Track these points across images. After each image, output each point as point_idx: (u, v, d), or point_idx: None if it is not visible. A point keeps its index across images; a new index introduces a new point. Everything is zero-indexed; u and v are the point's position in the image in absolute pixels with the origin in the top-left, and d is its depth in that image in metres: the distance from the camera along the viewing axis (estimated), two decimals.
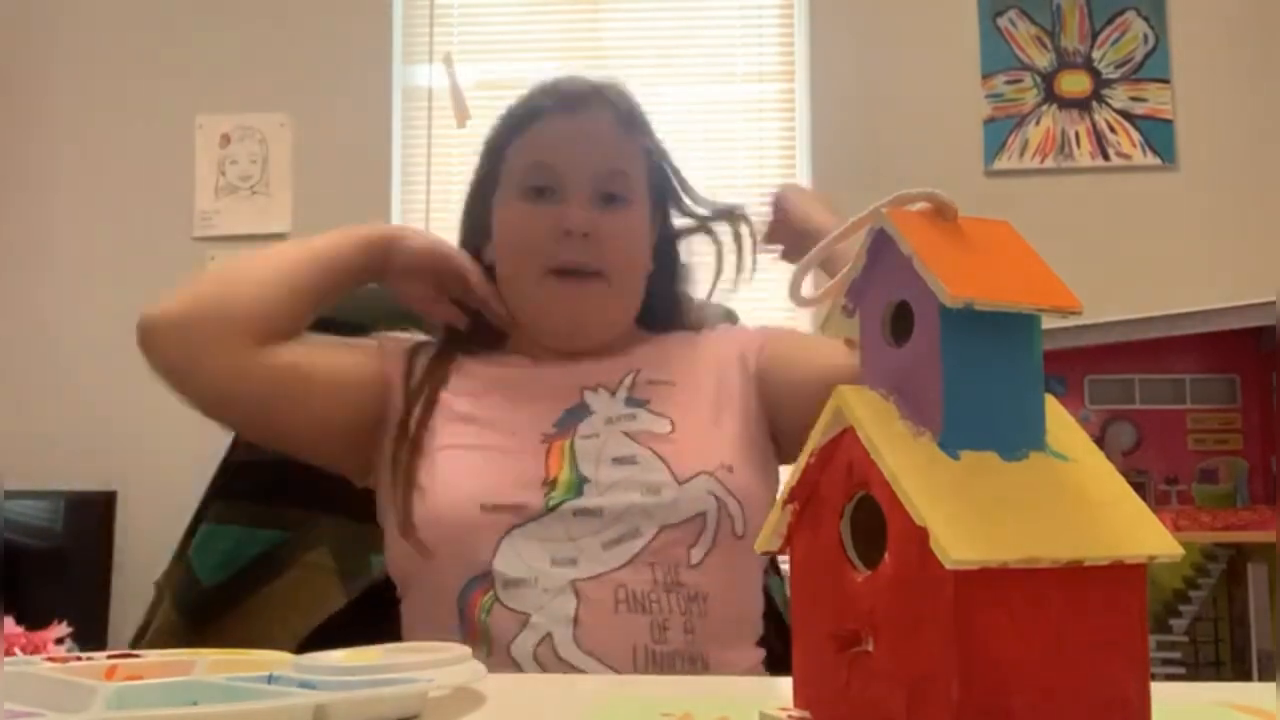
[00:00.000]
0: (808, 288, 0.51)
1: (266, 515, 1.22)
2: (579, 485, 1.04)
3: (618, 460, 1.05)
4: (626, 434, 1.07)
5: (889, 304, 0.46)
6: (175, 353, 1.06)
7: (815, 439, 0.46)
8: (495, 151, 1.19)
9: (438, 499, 1.04)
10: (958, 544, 0.39)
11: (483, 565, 1.01)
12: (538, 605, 0.99)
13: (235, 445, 1.24)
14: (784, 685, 0.48)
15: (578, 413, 1.10)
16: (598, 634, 0.98)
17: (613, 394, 1.12)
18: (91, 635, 2.48)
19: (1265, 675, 1.16)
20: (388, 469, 1.10)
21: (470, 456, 1.07)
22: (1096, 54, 2.85)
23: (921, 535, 0.39)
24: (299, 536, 1.22)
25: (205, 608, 1.19)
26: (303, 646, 0.99)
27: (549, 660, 0.97)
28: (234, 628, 1.16)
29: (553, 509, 1.02)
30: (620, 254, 1.15)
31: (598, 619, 0.99)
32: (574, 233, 1.11)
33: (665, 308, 1.23)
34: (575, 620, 0.98)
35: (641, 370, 1.14)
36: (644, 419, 1.09)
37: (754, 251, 1.23)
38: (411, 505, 1.05)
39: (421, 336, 1.22)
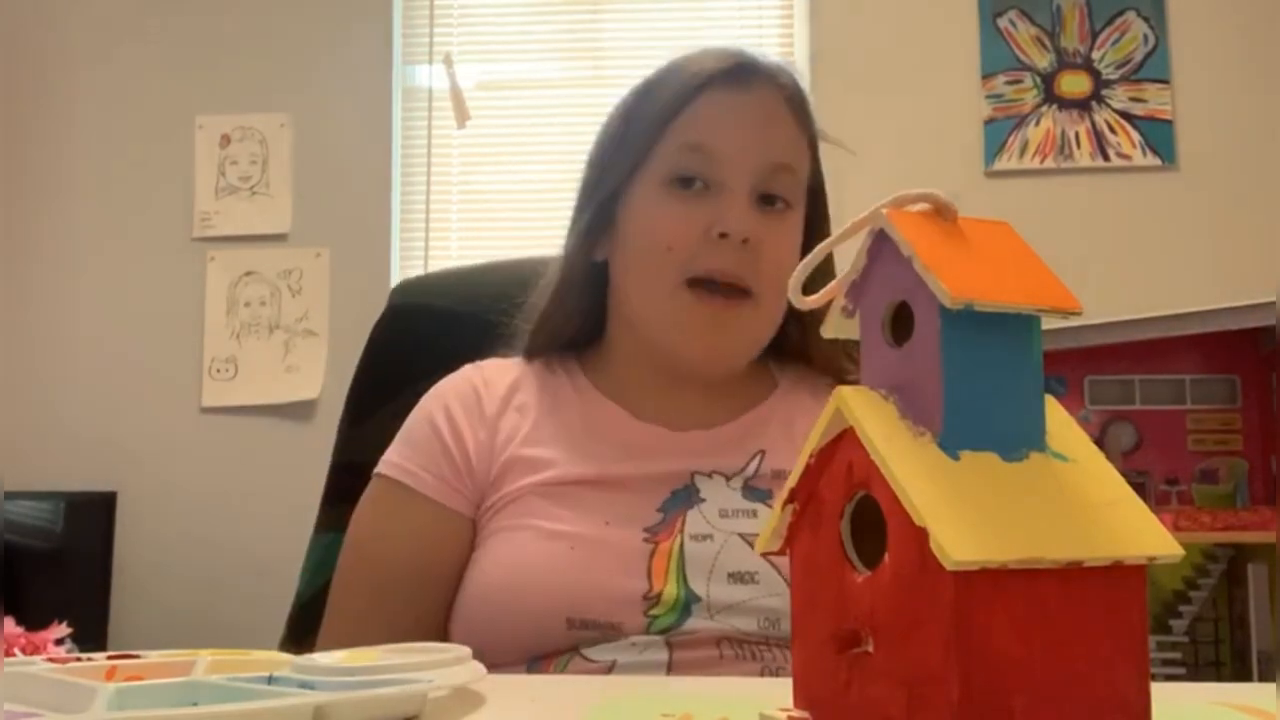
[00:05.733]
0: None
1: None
2: (686, 604, 0.87)
3: (734, 576, 0.88)
4: (744, 538, 0.90)
5: (889, 304, 0.46)
6: None
7: (815, 439, 0.46)
8: (643, 127, 0.98)
9: (509, 602, 0.88)
10: (958, 544, 0.39)
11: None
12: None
13: (338, 446, 1.16)
14: (784, 685, 0.48)
15: (686, 497, 0.92)
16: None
17: (728, 480, 0.94)
18: (91, 635, 2.48)
19: (1265, 675, 1.16)
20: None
21: (555, 549, 0.89)
22: (1096, 54, 2.85)
23: (921, 535, 0.39)
24: None
25: (302, 620, 1.10)
26: None
27: None
28: None
29: (653, 633, 0.86)
30: (776, 271, 0.93)
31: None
32: (732, 237, 0.92)
33: (804, 340, 1.03)
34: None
35: (768, 454, 0.95)
36: (766, 519, 0.94)
37: None
38: (470, 592, 0.91)
39: (508, 364, 1.04)
